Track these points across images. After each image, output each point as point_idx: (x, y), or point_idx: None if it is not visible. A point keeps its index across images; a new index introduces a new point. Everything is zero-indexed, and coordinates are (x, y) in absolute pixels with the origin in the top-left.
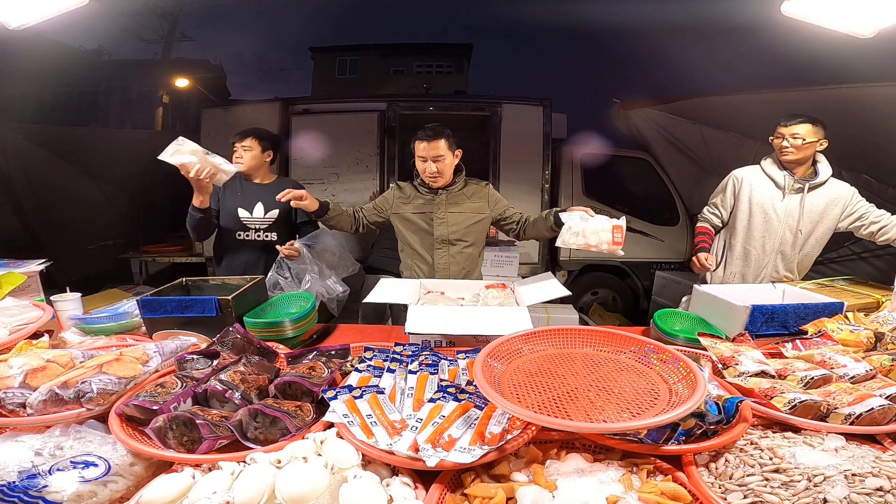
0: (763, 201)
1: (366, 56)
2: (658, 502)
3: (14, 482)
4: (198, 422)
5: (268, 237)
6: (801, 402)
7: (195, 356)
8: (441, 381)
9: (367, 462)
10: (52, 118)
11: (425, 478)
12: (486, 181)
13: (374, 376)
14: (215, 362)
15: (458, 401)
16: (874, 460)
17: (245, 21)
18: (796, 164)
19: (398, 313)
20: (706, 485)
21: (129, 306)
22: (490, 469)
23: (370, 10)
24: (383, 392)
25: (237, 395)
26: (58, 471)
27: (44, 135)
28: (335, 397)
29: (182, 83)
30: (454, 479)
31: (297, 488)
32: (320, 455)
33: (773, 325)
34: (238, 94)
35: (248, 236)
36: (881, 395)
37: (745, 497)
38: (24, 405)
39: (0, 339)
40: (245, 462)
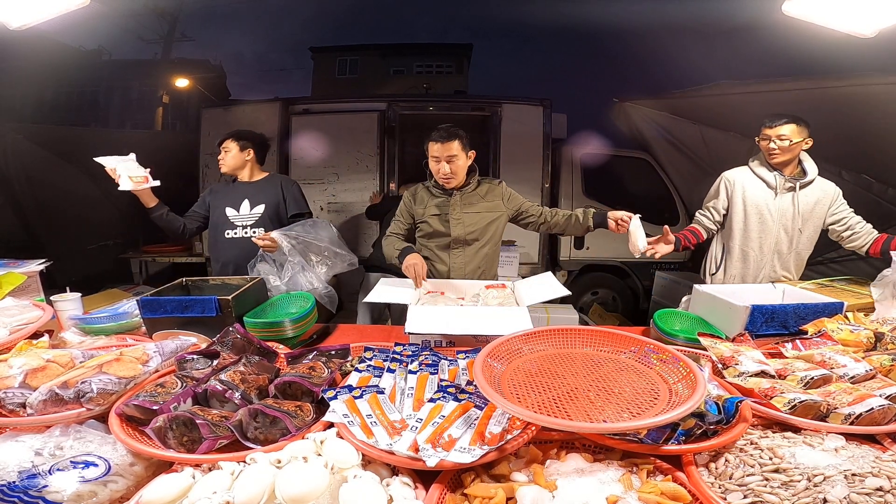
0: (757, 202)
1: (366, 56)
2: (658, 502)
3: (14, 482)
4: (198, 422)
5: (255, 233)
6: (801, 402)
7: (195, 356)
8: (441, 381)
9: (367, 462)
10: (52, 118)
11: (425, 478)
12: (498, 179)
13: (374, 376)
14: (215, 362)
15: (458, 401)
16: (874, 460)
17: (245, 21)
18: (784, 165)
19: (397, 313)
20: (706, 485)
21: (129, 306)
22: (490, 469)
23: (370, 10)
24: (383, 392)
25: (237, 395)
26: (58, 471)
27: (44, 135)
28: (335, 397)
29: (182, 83)
30: (454, 479)
31: (297, 488)
32: (320, 455)
33: (773, 325)
34: (238, 94)
35: (236, 234)
36: (881, 395)
37: (745, 497)
38: (24, 405)
39: (0, 339)
40: (245, 462)
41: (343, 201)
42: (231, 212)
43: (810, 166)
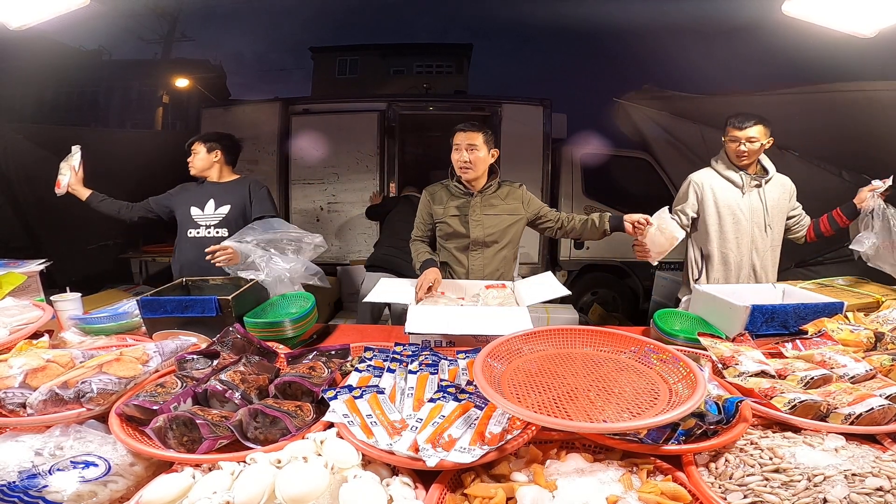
0: (728, 202)
1: (366, 56)
2: (658, 502)
3: (14, 482)
4: (198, 422)
5: (218, 233)
6: (801, 402)
7: (195, 356)
8: (441, 381)
9: (367, 462)
10: (52, 118)
11: (425, 478)
12: (519, 182)
13: (374, 376)
14: (215, 362)
15: (458, 401)
16: (874, 460)
17: (245, 21)
18: (749, 164)
19: (398, 313)
20: (706, 485)
21: (129, 306)
22: (490, 469)
23: (370, 10)
24: (383, 392)
25: (237, 395)
26: (58, 471)
27: (44, 135)
28: (335, 397)
29: (182, 83)
30: (454, 479)
31: (297, 488)
32: (320, 455)
33: (773, 325)
34: (238, 94)
35: (198, 233)
36: (881, 395)
37: (745, 497)
38: (24, 405)
39: (0, 339)
40: (245, 462)
41: (343, 201)
42: (195, 211)
43: (768, 163)
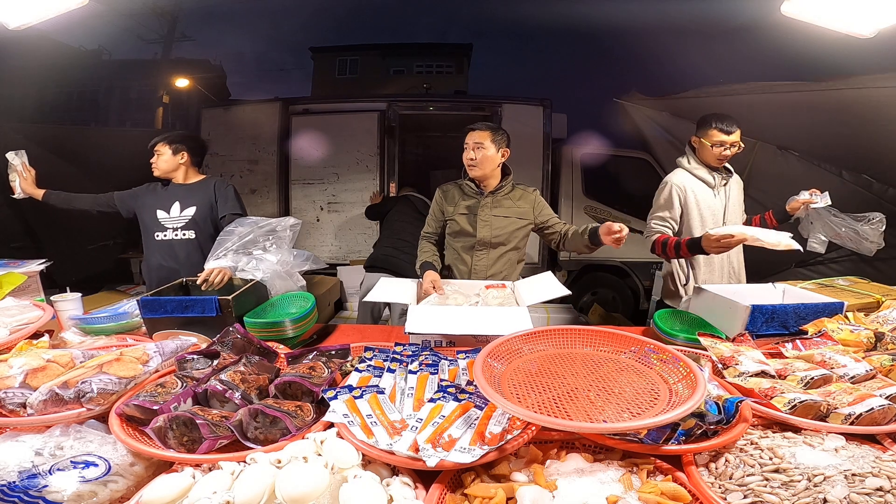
0: (708, 203)
1: (366, 56)
2: (658, 502)
3: (14, 482)
4: (198, 422)
5: (185, 235)
6: (801, 402)
7: (195, 356)
8: (441, 381)
9: (368, 462)
10: (52, 118)
11: (425, 478)
12: (533, 187)
13: (375, 376)
14: (215, 362)
15: (459, 401)
16: (874, 460)
17: (245, 21)
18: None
19: (398, 313)
20: (706, 485)
21: (129, 306)
22: (490, 469)
23: (370, 10)
24: (383, 392)
25: (237, 395)
26: (58, 471)
27: (44, 135)
28: (335, 397)
29: (182, 83)
30: (454, 479)
31: (297, 488)
32: (320, 455)
33: (773, 325)
34: (238, 94)
35: (165, 236)
36: (881, 395)
37: (745, 497)
38: (24, 405)
39: (0, 339)
40: (245, 462)
41: (343, 201)
42: (161, 214)
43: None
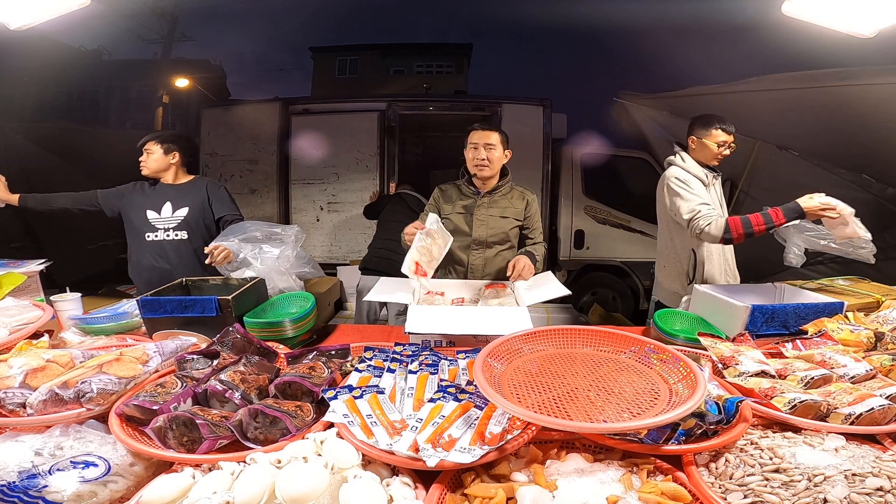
0: (711, 198)
1: (366, 56)
2: (658, 502)
3: (14, 482)
4: (198, 422)
5: (177, 235)
6: (801, 402)
7: (195, 356)
8: (441, 381)
9: (368, 462)
10: (52, 118)
11: (425, 478)
12: (534, 194)
13: (375, 376)
14: (215, 362)
15: (458, 401)
16: (874, 460)
17: (245, 21)
18: None
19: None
20: (706, 485)
21: (129, 306)
22: (490, 469)
23: (370, 10)
24: (383, 392)
25: (237, 395)
26: (58, 471)
27: (44, 135)
28: (335, 397)
29: (182, 83)
30: (454, 479)
31: (297, 488)
32: (320, 455)
33: (773, 325)
34: (238, 94)
35: (156, 237)
36: (881, 395)
37: (745, 497)
38: (24, 405)
39: (0, 339)
40: (245, 462)
41: (343, 201)
42: (152, 214)
43: None
